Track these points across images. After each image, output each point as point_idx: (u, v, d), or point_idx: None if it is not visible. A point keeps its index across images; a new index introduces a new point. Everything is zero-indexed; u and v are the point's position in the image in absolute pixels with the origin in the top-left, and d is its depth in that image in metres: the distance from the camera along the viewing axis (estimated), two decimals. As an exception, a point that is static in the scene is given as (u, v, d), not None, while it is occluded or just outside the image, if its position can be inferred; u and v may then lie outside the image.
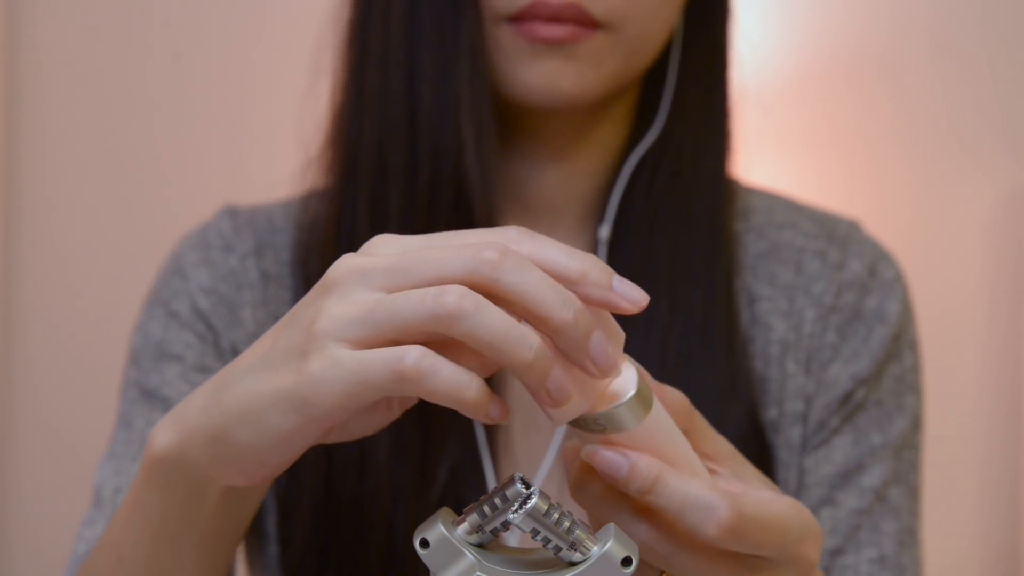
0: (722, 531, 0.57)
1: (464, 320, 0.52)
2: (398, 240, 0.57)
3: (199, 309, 0.92)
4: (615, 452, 0.57)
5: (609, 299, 0.55)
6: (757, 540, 0.58)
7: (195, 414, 0.60)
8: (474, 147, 0.86)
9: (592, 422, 0.56)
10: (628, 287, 0.55)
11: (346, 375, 0.54)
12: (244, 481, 0.60)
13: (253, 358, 0.58)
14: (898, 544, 0.91)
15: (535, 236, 0.55)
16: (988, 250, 1.67)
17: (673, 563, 0.58)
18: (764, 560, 0.59)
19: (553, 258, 0.55)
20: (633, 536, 0.58)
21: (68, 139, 1.59)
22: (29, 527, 1.60)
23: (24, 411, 1.60)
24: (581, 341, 0.54)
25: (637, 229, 0.92)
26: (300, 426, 0.56)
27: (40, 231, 1.59)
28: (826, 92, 1.64)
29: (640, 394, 0.57)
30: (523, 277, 0.53)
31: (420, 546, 0.55)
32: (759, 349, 0.93)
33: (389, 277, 0.54)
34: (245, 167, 1.58)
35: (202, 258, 0.94)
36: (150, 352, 0.92)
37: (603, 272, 0.55)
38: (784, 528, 0.59)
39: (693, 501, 0.57)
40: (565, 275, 0.54)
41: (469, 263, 0.53)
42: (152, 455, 0.62)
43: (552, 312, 0.53)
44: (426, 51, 0.87)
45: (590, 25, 0.85)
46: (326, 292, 0.55)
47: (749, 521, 0.57)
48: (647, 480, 0.56)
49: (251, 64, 1.60)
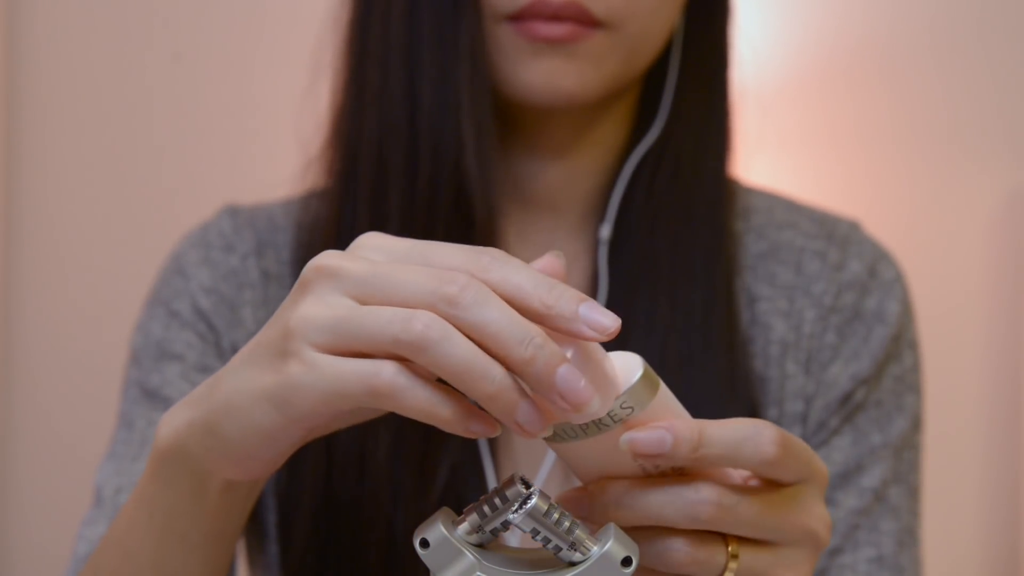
0: (778, 447, 0.57)
1: (428, 350, 0.52)
2: (387, 244, 0.57)
3: (200, 309, 0.92)
4: (650, 429, 0.56)
5: (575, 330, 0.54)
6: (798, 454, 0.59)
7: (195, 405, 0.60)
8: (474, 146, 0.86)
9: (619, 408, 0.56)
10: (597, 315, 0.54)
11: (322, 383, 0.54)
12: (240, 474, 0.60)
13: (244, 351, 0.58)
14: (897, 544, 0.91)
15: (508, 262, 0.55)
16: (988, 250, 1.67)
17: (740, 515, 0.58)
18: (798, 486, 0.60)
19: (521, 287, 0.54)
20: (698, 504, 0.57)
21: (68, 139, 1.59)
22: (29, 527, 1.60)
23: (24, 411, 1.60)
24: (543, 378, 0.53)
25: (638, 229, 0.92)
26: (282, 425, 0.56)
27: (40, 231, 1.59)
28: (826, 92, 1.64)
29: (647, 372, 0.57)
30: (481, 314, 0.53)
31: (420, 546, 0.55)
32: (759, 349, 0.93)
33: (359, 288, 0.55)
34: (245, 167, 1.58)
35: (203, 257, 0.94)
36: (151, 352, 0.92)
37: (569, 302, 0.54)
38: (804, 445, 0.60)
39: (742, 435, 0.57)
40: (530, 307, 0.54)
41: (431, 295, 0.53)
42: (157, 448, 0.62)
43: (510, 350, 0.53)
44: (426, 50, 0.87)
45: (590, 24, 0.85)
46: (303, 291, 0.56)
47: (789, 438, 0.58)
48: (694, 437, 0.56)
49: (251, 64, 1.60)
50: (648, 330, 0.89)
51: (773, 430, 0.57)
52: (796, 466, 0.59)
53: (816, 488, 0.61)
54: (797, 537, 0.60)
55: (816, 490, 0.61)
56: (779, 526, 0.59)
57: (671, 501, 0.57)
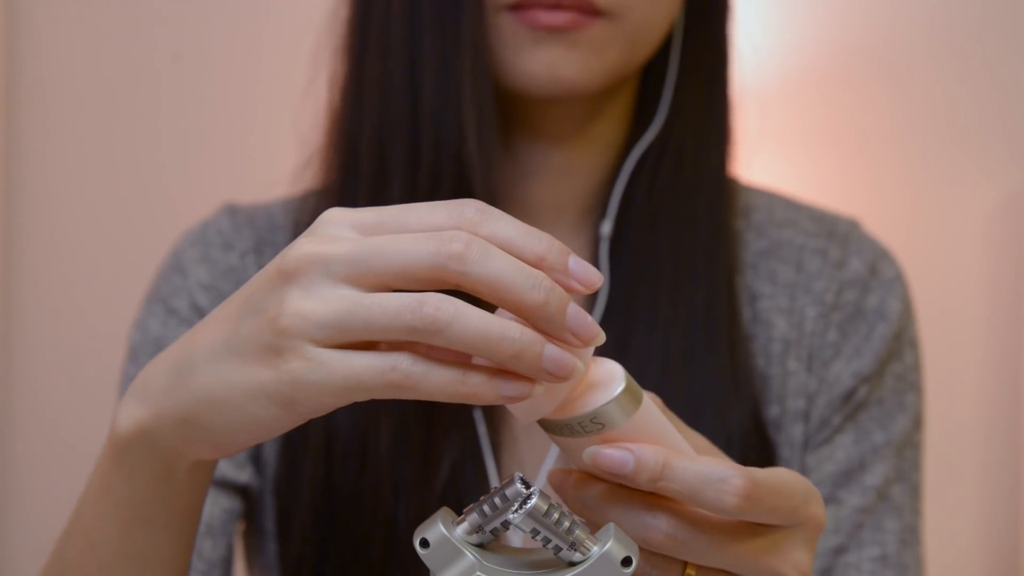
0: (740, 499, 0.56)
1: (443, 331, 0.52)
2: (349, 217, 0.55)
3: (198, 305, 0.92)
4: (617, 448, 0.56)
5: (565, 284, 0.54)
6: (772, 504, 0.57)
7: (160, 395, 0.59)
8: (476, 136, 0.86)
9: (589, 422, 0.56)
10: (583, 268, 0.54)
11: (335, 379, 0.53)
12: (216, 454, 0.60)
13: (214, 340, 0.57)
14: (900, 542, 0.91)
15: (491, 213, 0.54)
16: (988, 250, 1.67)
17: (695, 549, 0.58)
18: (779, 529, 0.59)
19: (512, 239, 0.54)
20: (651, 529, 0.57)
21: (68, 138, 1.59)
22: (29, 527, 1.60)
23: (24, 410, 1.60)
24: (557, 318, 0.53)
25: (638, 226, 0.92)
26: (283, 419, 0.55)
27: (40, 230, 1.59)
28: (826, 92, 1.64)
29: (629, 388, 0.56)
30: (490, 267, 0.52)
31: (420, 546, 0.55)
32: (760, 347, 0.93)
33: (352, 268, 0.53)
34: (245, 167, 1.58)
35: (201, 255, 0.94)
36: (148, 349, 0.92)
37: (559, 253, 0.54)
38: (792, 490, 0.58)
39: (706, 476, 0.56)
40: (523, 257, 0.54)
41: (436, 256, 0.52)
42: (117, 436, 0.61)
43: (523, 297, 0.52)
44: (427, 41, 0.87)
45: (592, 13, 0.85)
46: (286, 281, 0.54)
47: (762, 486, 0.57)
48: (656, 467, 0.56)
49: (251, 64, 1.60)
50: (650, 327, 0.89)
51: (741, 480, 0.56)
52: (768, 515, 0.58)
53: (803, 535, 0.60)
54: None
55: (802, 537, 0.60)
56: (741, 565, 0.59)
57: (629, 520, 0.57)
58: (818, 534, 0.61)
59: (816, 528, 0.60)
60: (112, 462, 0.62)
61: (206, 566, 0.89)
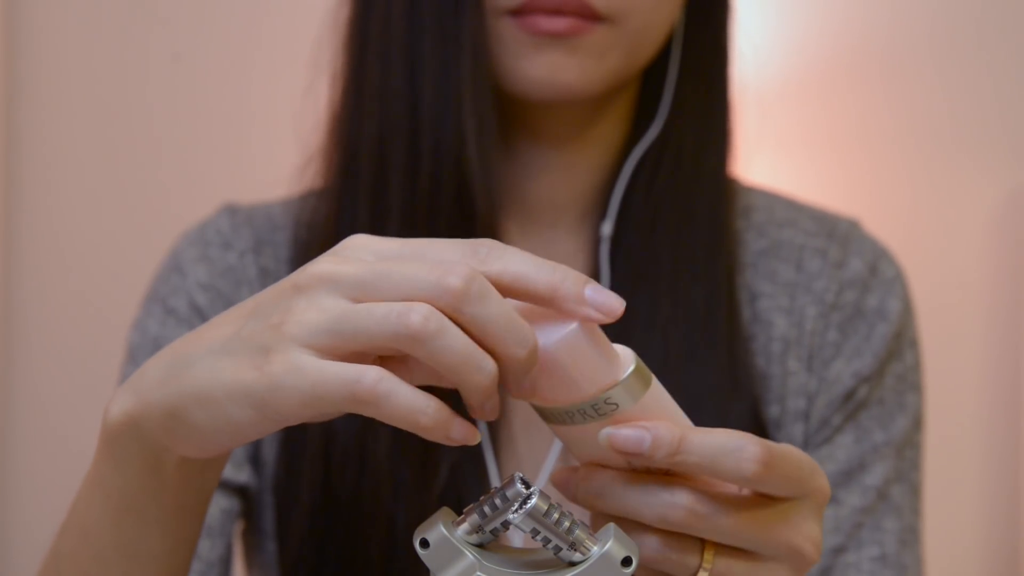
0: (759, 465, 0.56)
1: (426, 343, 0.53)
2: (374, 245, 0.57)
3: (197, 305, 0.92)
4: (632, 427, 0.56)
5: (581, 312, 0.55)
6: (786, 472, 0.58)
7: (153, 387, 0.59)
8: (476, 141, 0.86)
9: (603, 403, 0.56)
10: (603, 297, 0.55)
11: (304, 385, 0.54)
12: (199, 454, 0.60)
13: (214, 339, 0.58)
14: (900, 543, 0.91)
15: (506, 251, 0.55)
16: (988, 250, 1.67)
17: (716, 524, 0.58)
18: (791, 501, 0.59)
19: (524, 274, 0.55)
20: (671, 506, 0.57)
21: (68, 139, 1.59)
22: (29, 526, 1.60)
23: (24, 410, 1.60)
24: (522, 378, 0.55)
25: (639, 226, 0.92)
26: (257, 422, 0.56)
27: (40, 230, 1.59)
28: (826, 92, 1.64)
29: (639, 369, 0.57)
30: (483, 310, 0.53)
31: (420, 546, 0.55)
32: (760, 346, 0.93)
33: (358, 289, 0.54)
34: (244, 167, 1.58)
35: (200, 254, 0.94)
36: (147, 349, 0.92)
37: (574, 284, 0.55)
38: (800, 461, 0.59)
39: (723, 446, 0.56)
40: (536, 291, 0.55)
41: (433, 289, 0.53)
42: (108, 426, 0.62)
43: (506, 349, 0.54)
44: (427, 45, 0.87)
45: (592, 18, 0.85)
46: (297, 292, 0.55)
47: (776, 454, 0.57)
48: (673, 442, 0.56)
49: (251, 64, 1.60)
50: (650, 327, 0.90)
51: (758, 447, 0.57)
52: (783, 484, 0.58)
53: (811, 506, 0.60)
54: (779, 552, 0.59)
55: (810, 508, 0.60)
56: (759, 539, 0.59)
57: (646, 500, 0.58)
58: (824, 506, 0.61)
59: (823, 500, 0.61)
60: (103, 451, 0.63)
61: (204, 566, 0.89)
